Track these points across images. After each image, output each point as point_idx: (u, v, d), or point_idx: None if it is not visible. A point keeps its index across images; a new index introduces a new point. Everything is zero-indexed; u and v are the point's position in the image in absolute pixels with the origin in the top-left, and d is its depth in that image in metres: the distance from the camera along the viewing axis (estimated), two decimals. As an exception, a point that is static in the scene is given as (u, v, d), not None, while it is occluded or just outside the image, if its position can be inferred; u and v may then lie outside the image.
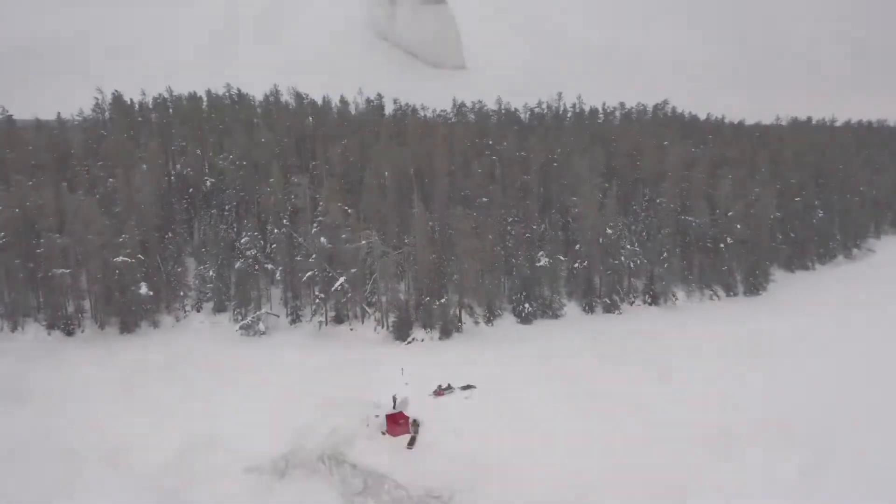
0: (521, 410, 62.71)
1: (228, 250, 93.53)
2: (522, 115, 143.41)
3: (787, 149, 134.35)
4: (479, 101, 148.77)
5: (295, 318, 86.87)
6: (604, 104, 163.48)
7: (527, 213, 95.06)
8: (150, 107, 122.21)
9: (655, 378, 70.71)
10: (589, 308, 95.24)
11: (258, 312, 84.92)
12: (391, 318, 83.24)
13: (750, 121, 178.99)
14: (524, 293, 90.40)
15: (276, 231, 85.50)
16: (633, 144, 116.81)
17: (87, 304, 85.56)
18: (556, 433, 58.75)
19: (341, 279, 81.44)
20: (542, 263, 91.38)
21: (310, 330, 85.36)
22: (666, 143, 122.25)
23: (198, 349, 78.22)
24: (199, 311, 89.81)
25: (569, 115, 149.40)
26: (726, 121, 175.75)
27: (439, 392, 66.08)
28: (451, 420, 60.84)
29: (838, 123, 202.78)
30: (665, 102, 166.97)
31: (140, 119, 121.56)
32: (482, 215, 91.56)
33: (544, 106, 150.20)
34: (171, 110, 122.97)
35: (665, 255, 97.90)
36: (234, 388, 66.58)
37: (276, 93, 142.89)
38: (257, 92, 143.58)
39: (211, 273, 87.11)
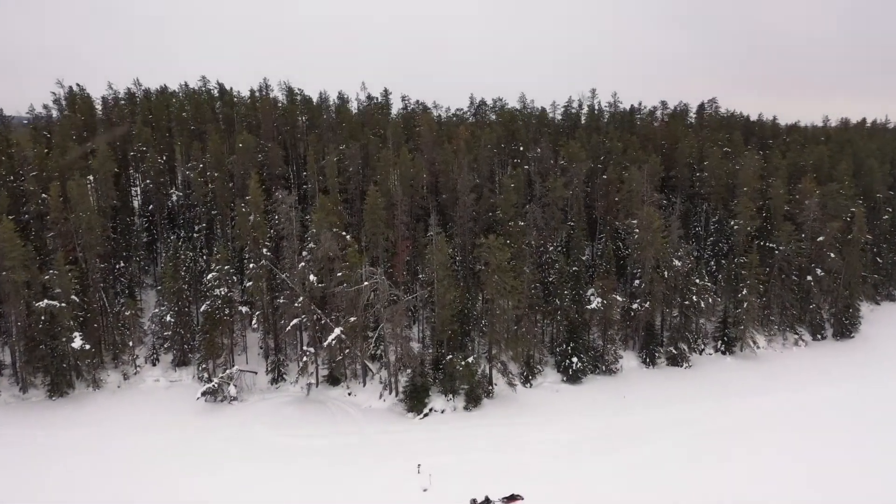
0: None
1: (195, 283, 75.40)
2: (551, 114, 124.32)
3: (866, 156, 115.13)
4: (500, 99, 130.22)
5: (277, 377, 68.68)
6: (640, 103, 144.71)
7: (572, 240, 76.28)
8: (111, 103, 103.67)
9: (760, 474, 52.27)
10: (650, 360, 76.73)
11: (228, 371, 66.57)
12: (401, 380, 64.77)
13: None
14: (571, 343, 71.82)
15: (252, 266, 66.91)
16: (689, 151, 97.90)
17: (7, 357, 67.51)
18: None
19: (337, 330, 63.01)
20: (593, 305, 72.70)
21: (296, 394, 67.13)
22: (726, 149, 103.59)
23: (143, 423, 60.10)
24: (154, 365, 71.72)
25: (604, 115, 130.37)
26: (780, 122, 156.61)
27: (474, 509, 47.66)
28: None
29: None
30: (713, 101, 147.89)
31: (104, 118, 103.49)
32: (517, 243, 73.01)
33: (575, 103, 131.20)
34: (141, 106, 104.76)
35: (745, 290, 79.13)
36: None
37: (265, 87, 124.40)
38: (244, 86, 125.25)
39: (168, 318, 68.60)
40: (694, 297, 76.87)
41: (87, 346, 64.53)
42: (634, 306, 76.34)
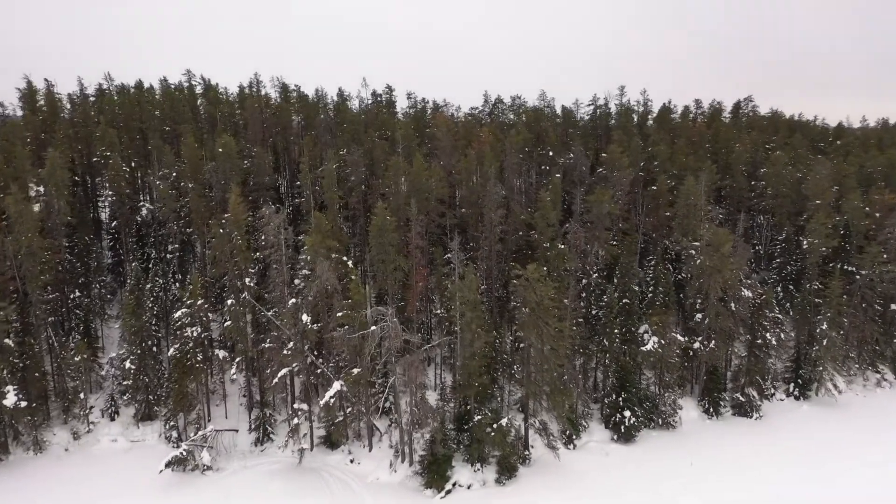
0: None
1: (166, 317, 63.35)
2: (576, 114, 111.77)
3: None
4: (518, 96, 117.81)
5: (263, 436, 56.27)
6: (669, 101, 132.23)
7: (622, 266, 63.82)
8: (78, 101, 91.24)
9: None
10: (713, 410, 64.38)
11: (202, 431, 54.12)
12: (416, 442, 52.41)
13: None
14: (622, 394, 59.40)
15: (230, 302, 54.47)
16: (744, 157, 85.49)
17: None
18: None
19: (337, 384, 50.61)
20: (648, 346, 60.31)
21: (285, 460, 54.69)
22: (778, 152, 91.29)
23: (91, 500, 47.81)
24: (113, 419, 59.35)
25: (635, 115, 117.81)
26: (819, 122, 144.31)
27: None
28: None
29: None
30: (749, 99, 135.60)
31: (68, 116, 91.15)
32: (555, 269, 60.71)
33: (602, 101, 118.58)
34: (116, 104, 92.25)
35: (825, 325, 66.80)
36: None
37: (256, 83, 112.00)
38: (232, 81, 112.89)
39: (127, 364, 56.21)
40: (767, 335, 64.41)
41: (24, 403, 52.07)
42: (696, 346, 63.96)
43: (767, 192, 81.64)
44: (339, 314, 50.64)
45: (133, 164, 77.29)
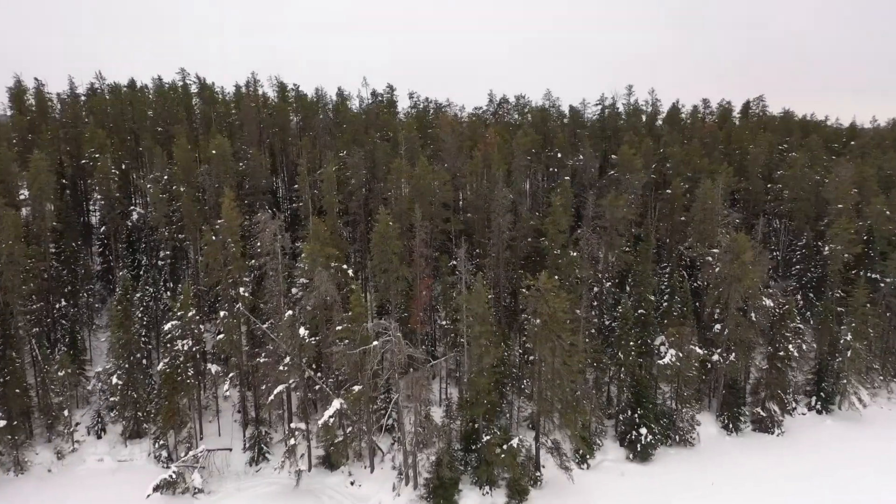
0: None
1: (156, 327, 60.44)
2: (583, 114, 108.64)
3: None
4: (522, 96, 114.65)
5: (258, 455, 53.21)
6: (678, 100, 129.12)
7: (637, 274, 60.73)
8: (67, 100, 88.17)
9: None
10: (732, 425, 61.36)
11: (193, 452, 51.05)
12: (421, 463, 49.35)
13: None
14: (638, 409, 56.33)
15: (223, 314, 51.38)
16: (761, 158, 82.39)
17: None
18: None
19: (336, 403, 47.56)
20: (666, 359, 57.23)
21: (282, 482, 51.55)
22: (792, 154, 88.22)
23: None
24: (100, 437, 56.33)
25: (643, 113, 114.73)
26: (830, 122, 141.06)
27: None
28: None
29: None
30: (760, 99, 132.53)
31: (58, 117, 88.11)
32: (566, 278, 57.62)
33: (608, 100, 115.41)
34: (107, 104, 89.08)
35: (850, 335, 63.77)
36: None
37: (253, 82, 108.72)
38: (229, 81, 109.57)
39: (114, 380, 53.15)
40: (790, 346, 61.31)
41: (3, 422, 49.01)
42: (715, 358, 60.89)
43: (784, 195, 78.54)
44: (339, 328, 47.51)
45: (124, 167, 74.20)
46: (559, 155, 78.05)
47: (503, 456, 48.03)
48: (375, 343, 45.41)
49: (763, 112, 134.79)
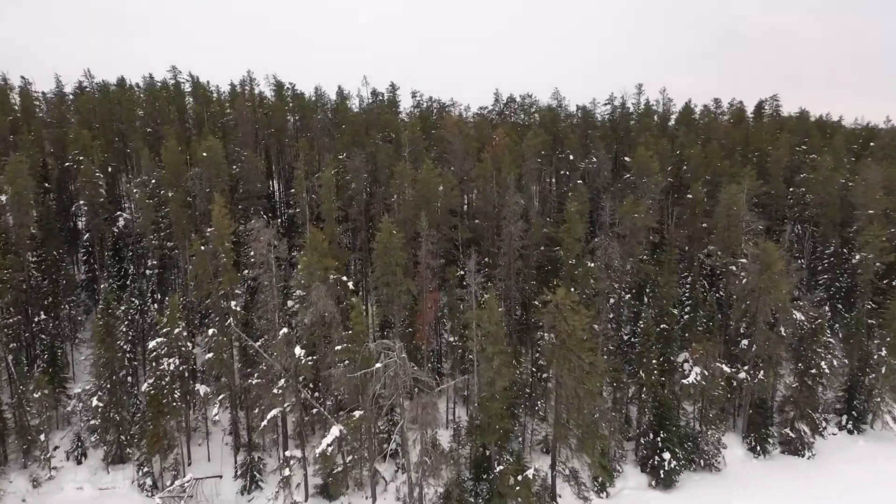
0: None
1: (142, 343, 56.55)
2: (596, 114, 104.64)
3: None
4: (529, 95, 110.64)
5: (250, 484, 49.23)
6: (690, 100, 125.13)
7: (657, 286, 56.75)
8: (54, 99, 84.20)
9: None
10: (760, 448, 57.30)
11: (180, 480, 47.05)
12: (430, 501, 45.30)
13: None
14: (660, 433, 52.33)
15: (212, 331, 47.39)
16: (781, 161, 78.39)
17: None
18: None
19: (335, 430, 43.53)
20: (691, 378, 53.25)
21: (276, 513, 47.30)
22: (814, 156, 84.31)
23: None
24: (80, 463, 52.28)
25: (655, 113, 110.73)
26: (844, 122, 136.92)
27: None
28: None
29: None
30: (774, 99, 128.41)
31: (42, 116, 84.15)
32: (582, 289, 53.62)
33: (618, 100, 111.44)
34: (94, 103, 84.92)
35: (883, 350, 59.85)
36: None
37: (249, 80, 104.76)
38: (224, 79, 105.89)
39: (94, 402, 49.18)
40: (822, 363, 57.36)
41: (-28, 450, 45.06)
42: (741, 376, 56.92)
43: (808, 200, 74.60)
44: (339, 347, 43.55)
45: (110, 169, 70.23)
46: (571, 157, 74.09)
47: (518, 488, 44.10)
48: (378, 366, 41.38)
49: (777, 112, 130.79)
